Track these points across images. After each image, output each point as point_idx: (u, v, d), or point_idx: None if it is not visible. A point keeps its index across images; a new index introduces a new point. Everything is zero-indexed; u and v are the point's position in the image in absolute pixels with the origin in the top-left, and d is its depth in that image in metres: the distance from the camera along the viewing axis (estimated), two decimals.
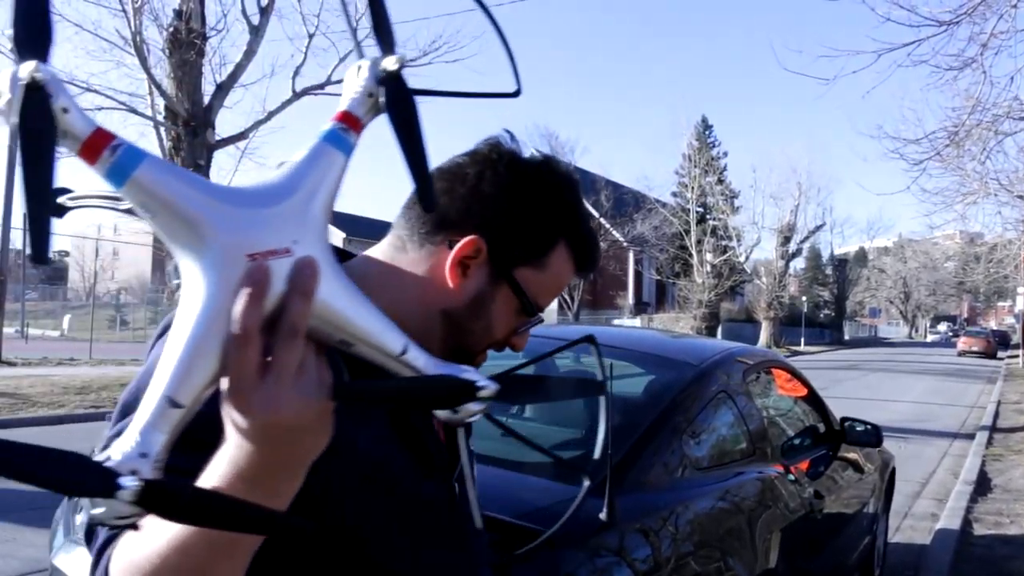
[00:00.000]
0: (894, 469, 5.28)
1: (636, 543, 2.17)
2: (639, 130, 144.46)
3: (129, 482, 0.51)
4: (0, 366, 16.12)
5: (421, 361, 0.67)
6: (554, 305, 39.31)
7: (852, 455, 4.16)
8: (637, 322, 39.23)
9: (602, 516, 2.07)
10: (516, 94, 0.84)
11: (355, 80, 0.69)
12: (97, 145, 0.56)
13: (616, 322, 37.15)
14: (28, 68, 0.52)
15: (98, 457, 0.55)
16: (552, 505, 2.09)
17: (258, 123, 13.14)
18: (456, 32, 28.58)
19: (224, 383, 0.60)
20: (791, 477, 3.16)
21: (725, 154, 48.71)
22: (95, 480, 0.52)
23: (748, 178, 55.59)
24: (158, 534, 0.67)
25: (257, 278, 0.59)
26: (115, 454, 0.55)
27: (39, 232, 0.52)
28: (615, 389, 3.17)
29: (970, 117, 9.96)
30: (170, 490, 0.53)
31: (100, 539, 0.79)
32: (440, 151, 1.06)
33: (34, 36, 0.54)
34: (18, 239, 20.71)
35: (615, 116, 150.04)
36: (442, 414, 0.71)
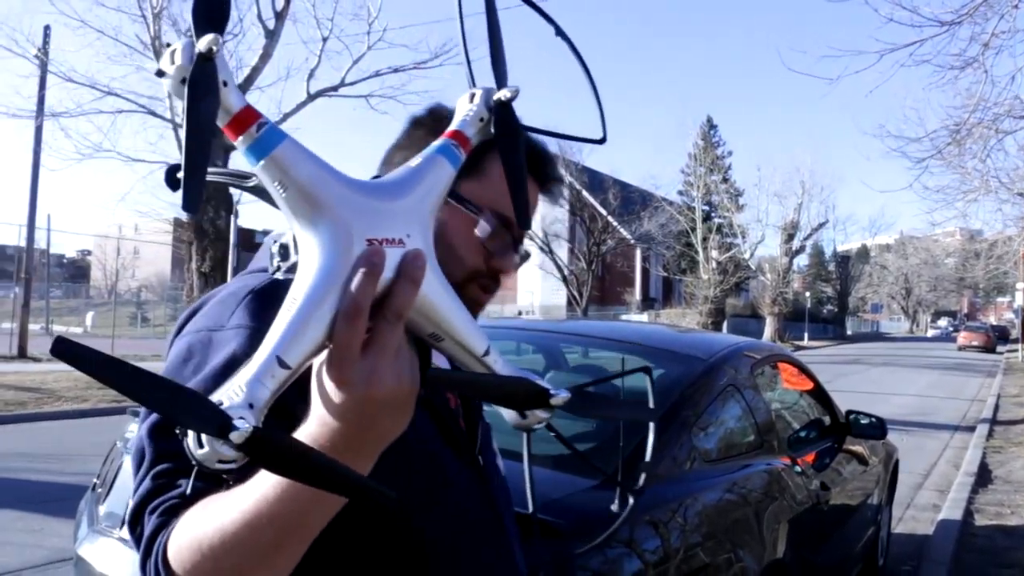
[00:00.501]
0: (897, 461, 5.34)
1: (646, 534, 2.20)
2: (646, 130, 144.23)
3: (242, 424, 0.53)
4: (26, 362, 16.31)
5: (499, 364, 0.73)
6: (563, 300, 39.35)
7: (857, 447, 4.21)
8: (644, 317, 39.26)
9: (614, 508, 2.12)
10: (602, 141, 0.93)
11: (468, 105, 0.77)
12: (245, 121, 0.61)
13: (623, 317, 37.15)
14: (207, 40, 0.57)
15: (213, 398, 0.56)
16: (564, 498, 2.15)
17: (277, 123, 13.22)
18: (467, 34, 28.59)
19: (326, 354, 0.64)
20: (798, 469, 3.21)
21: (730, 153, 48.76)
22: (212, 418, 0.53)
23: (752, 177, 55.92)
24: (225, 510, 0.68)
25: (374, 260, 0.63)
26: (224, 400, 0.56)
27: (195, 187, 0.57)
28: (624, 383, 3.23)
29: (971, 116, 10.01)
30: (276, 439, 0.55)
31: (149, 527, 0.78)
32: None
33: (214, 11, 0.60)
34: (42, 239, 20.83)
35: (622, 116, 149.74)
36: (509, 416, 0.76)
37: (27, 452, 7.57)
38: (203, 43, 0.57)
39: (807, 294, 51.80)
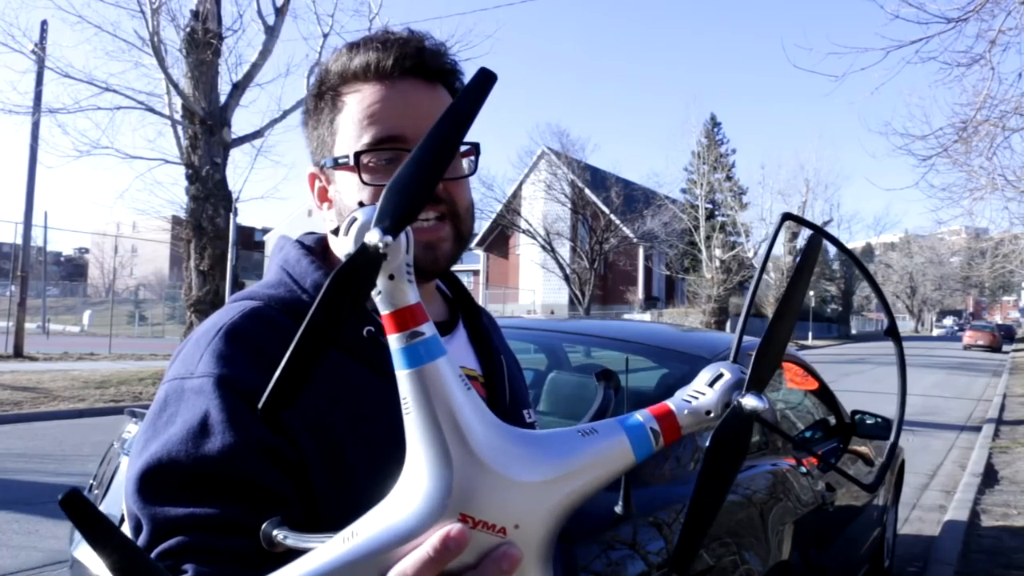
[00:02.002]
0: (903, 461, 5.32)
1: (650, 535, 2.19)
2: (649, 128, 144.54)
3: None
4: (22, 361, 16.33)
5: None
6: (565, 299, 39.35)
7: (862, 448, 4.19)
8: (647, 316, 39.23)
9: (618, 509, 2.10)
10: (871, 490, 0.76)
11: (703, 383, 0.61)
12: (405, 321, 0.55)
13: (626, 316, 37.15)
14: (375, 236, 0.52)
15: None
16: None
17: (273, 122, 13.23)
18: (468, 31, 28.60)
19: None
20: (803, 470, 3.19)
21: (734, 151, 48.58)
22: None
23: (756, 175, 55.77)
24: None
25: (451, 544, 0.54)
26: None
27: (287, 393, 0.52)
28: (628, 383, 3.22)
29: (978, 113, 9.96)
30: None
31: None
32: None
33: (400, 218, 0.53)
34: (39, 236, 20.92)
35: (626, 114, 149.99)
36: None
37: (23, 452, 7.55)
38: (373, 236, 0.52)
39: (811, 293, 51.68)
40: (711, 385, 0.60)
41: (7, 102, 13.29)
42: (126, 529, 0.79)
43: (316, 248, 1.10)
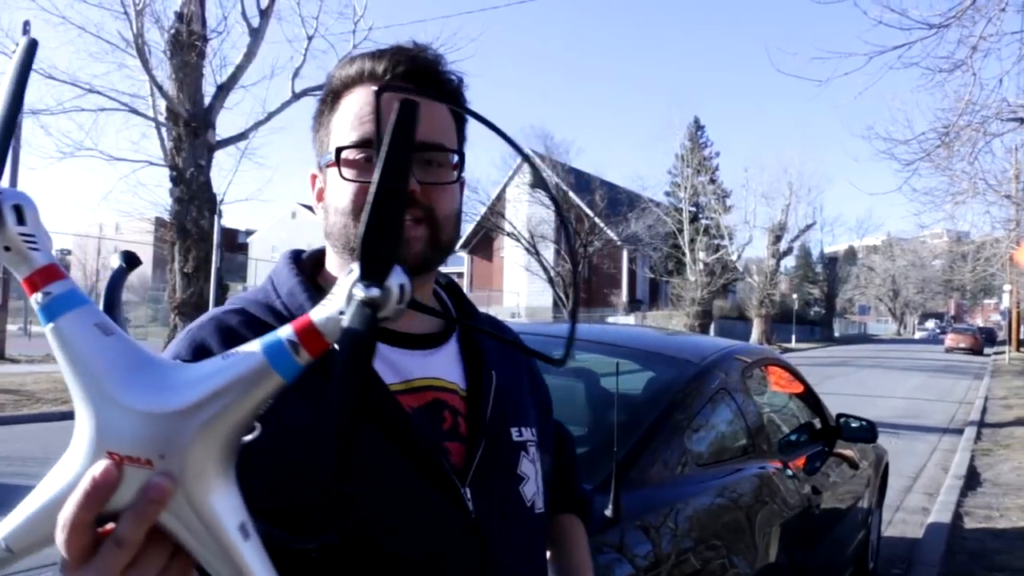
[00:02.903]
0: (887, 464, 5.35)
1: (637, 539, 2.19)
2: (633, 131, 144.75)
3: None
4: (3, 363, 16.19)
5: None
6: (548, 302, 39.38)
7: (847, 451, 4.21)
8: (631, 319, 39.27)
9: (607, 513, 2.09)
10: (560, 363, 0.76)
11: (340, 290, 0.58)
12: (44, 279, 0.59)
13: (611, 319, 37.21)
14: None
15: None
16: None
17: (258, 124, 13.18)
18: (453, 34, 28.59)
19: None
20: (789, 473, 3.20)
21: (717, 154, 48.95)
22: None
23: (740, 178, 56.13)
24: None
25: (98, 482, 0.57)
26: None
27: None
28: (612, 385, 3.22)
29: (960, 118, 10.05)
30: None
31: None
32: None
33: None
34: None
35: (610, 117, 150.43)
36: None
37: (6, 455, 7.45)
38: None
39: (794, 296, 52.01)
40: (346, 279, 0.59)
41: None
42: None
43: (307, 260, 1.14)
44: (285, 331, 0.58)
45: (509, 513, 1.07)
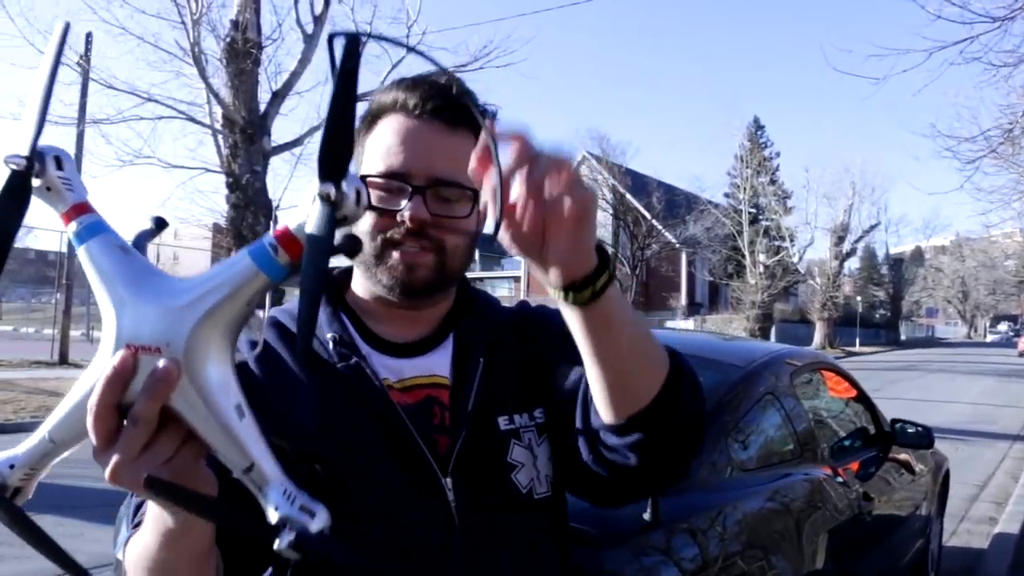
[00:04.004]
0: (948, 471, 5.20)
1: (683, 542, 2.20)
2: (691, 132, 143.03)
3: None
4: (67, 368, 16.64)
5: (265, 479, 0.69)
6: None
7: (903, 457, 4.12)
8: (690, 324, 38.97)
9: (646, 516, 2.10)
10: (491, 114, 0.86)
11: (309, 196, 0.66)
12: (70, 215, 0.70)
13: (669, 324, 36.92)
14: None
15: None
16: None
17: (313, 129, 13.37)
18: (507, 38, 28.69)
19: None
20: (839, 479, 3.15)
21: (777, 154, 48.20)
22: None
23: (801, 178, 55.04)
24: (136, 539, 0.89)
25: (117, 369, 0.66)
26: None
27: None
28: None
29: None
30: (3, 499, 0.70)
31: (124, 536, 0.96)
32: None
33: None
34: None
35: (667, 118, 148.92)
36: None
37: (68, 457, 7.41)
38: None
39: (858, 298, 50.88)
40: (312, 203, 0.67)
41: (54, 114, 13.55)
42: None
43: (336, 276, 1.23)
44: (267, 237, 0.68)
45: (495, 502, 1.10)
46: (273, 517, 0.67)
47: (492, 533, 1.10)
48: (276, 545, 0.65)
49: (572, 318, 0.89)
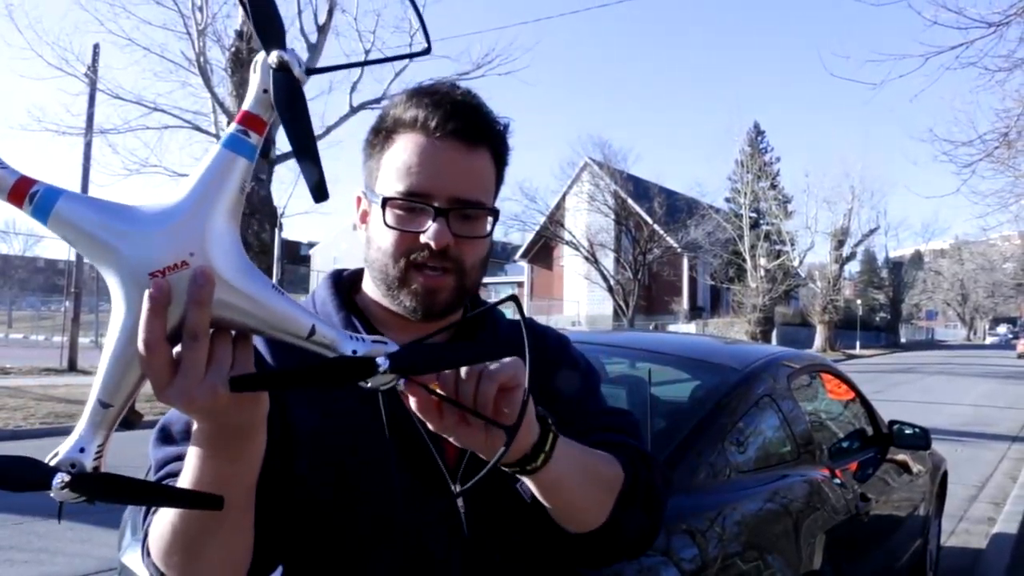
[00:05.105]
0: (946, 472, 5.23)
1: (683, 543, 2.21)
2: (692, 137, 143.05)
3: (58, 478, 0.66)
4: (76, 375, 16.65)
5: (329, 339, 0.73)
6: (609, 311, 39.22)
7: (901, 458, 4.15)
8: (692, 327, 38.92)
9: None
10: (427, 52, 0.89)
11: (254, 78, 0.72)
12: (21, 191, 0.67)
13: (671, 327, 36.90)
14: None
15: (48, 457, 0.69)
16: None
17: (316, 138, 13.46)
18: (509, 44, 28.74)
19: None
20: (837, 480, 3.18)
21: (778, 159, 48.22)
22: (35, 476, 0.66)
23: (801, 183, 55.22)
24: (164, 515, 0.90)
25: (155, 295, 0.66)
26: (61, 451, 0.69)
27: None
28: (662, 394, 3.25)
29: (1021, 118, 9.80)
30: (94, 478, 0.69)
31: (145, 525, 0.99)
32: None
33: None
34: None
35: (668, 124, 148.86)
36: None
37: None
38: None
39: (859, 301, 50.89)
40: (254, 71, 0.72)
41: (61, 124, 13.66)
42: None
43: (347, 279, 1.26)
44: (234, 126, 0.72)
45: (501, 511, 1.12)
46: (352, 361, 0.71)
47: (499, 541, 1.12)
48: None
49: (530, 484, 0.97)
